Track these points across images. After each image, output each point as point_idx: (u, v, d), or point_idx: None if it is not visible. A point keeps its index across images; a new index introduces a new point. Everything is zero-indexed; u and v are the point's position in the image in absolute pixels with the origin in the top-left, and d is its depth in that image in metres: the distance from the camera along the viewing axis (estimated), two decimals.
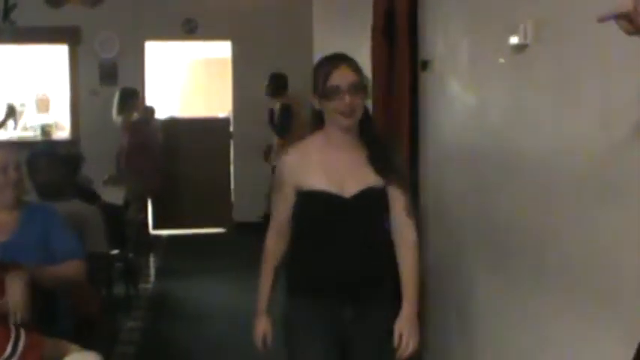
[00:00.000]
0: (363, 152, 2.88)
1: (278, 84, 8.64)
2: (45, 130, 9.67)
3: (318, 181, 2.84)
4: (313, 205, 2.87)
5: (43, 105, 10.24)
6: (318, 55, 8.89)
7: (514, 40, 3.33)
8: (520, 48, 3.33)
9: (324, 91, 2.79)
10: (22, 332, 2.81)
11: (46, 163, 4.39)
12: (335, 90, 2.76)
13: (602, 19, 2.08)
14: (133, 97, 8.70)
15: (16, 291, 2.99)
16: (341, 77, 2.76)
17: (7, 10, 9.09)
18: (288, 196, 2.91)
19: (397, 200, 2.89)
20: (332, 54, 2.95)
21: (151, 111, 8.98)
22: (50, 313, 3.38)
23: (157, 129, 9.15)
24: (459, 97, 4.25)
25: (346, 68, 2.79)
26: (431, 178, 4.70)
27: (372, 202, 2.88)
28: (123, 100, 8.58)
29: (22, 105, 10.21)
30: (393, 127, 5.18)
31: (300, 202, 2.89)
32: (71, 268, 3.46)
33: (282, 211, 2.96)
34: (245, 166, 9.65)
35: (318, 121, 2.92)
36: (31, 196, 4.15)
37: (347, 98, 2.75)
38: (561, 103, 3.07)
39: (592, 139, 2.81)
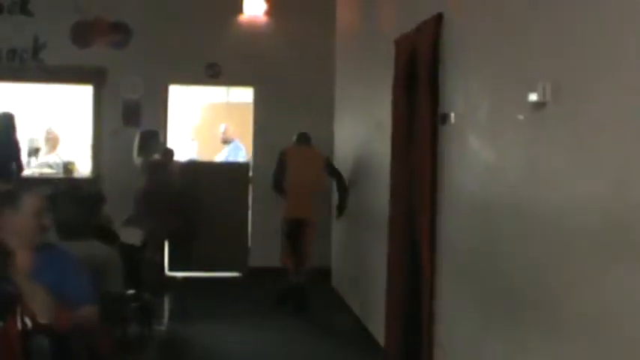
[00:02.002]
0: None
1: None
2: (67, 167, 9.70)
3: None
4: None
5: (51, 143, 10.06)
6: (340, 103, 9.00)
7: (533, 97, 3.38)
8: (539, 106, 3.37)
9: None
10: None
11: (69, 203, 4.40)
12: None
13: None
14: (153, 138, 8.81)
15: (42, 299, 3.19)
16: None
17: (37, 49, 9.27)
18: None
19: None
20: None
21: (170, 153, 9.04)
22: (63, 354, 3.40)
23: (176, 171, 9.21)
24: (477, 152, 4.28)
25: None
26: (445, 228, 4.72)
27: None
28: (143, 142, 8.68)
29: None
30: (413, 178, 5.22)
31: None
32: (84, 314, 3.48)
33: None
34: (263, 212, 9.65)
35: None
36: (51, 234, 4.16)
37: None
38: (578, 162, 3.10)
39: (607, 198, 2.83)
